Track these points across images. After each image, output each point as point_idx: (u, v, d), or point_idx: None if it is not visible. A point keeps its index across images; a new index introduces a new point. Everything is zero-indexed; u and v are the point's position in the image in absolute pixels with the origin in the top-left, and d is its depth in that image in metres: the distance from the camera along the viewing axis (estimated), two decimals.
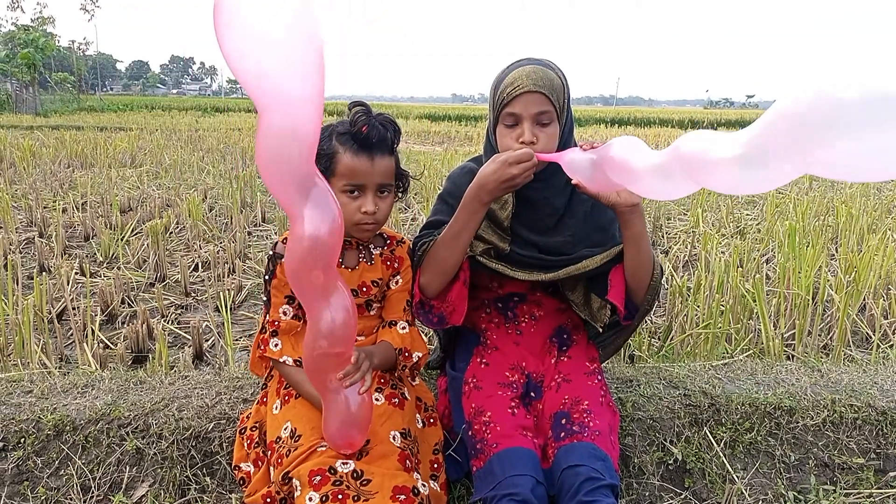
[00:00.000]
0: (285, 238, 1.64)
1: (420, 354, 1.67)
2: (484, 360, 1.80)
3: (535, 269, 1.73)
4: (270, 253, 1.65)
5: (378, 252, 1.69)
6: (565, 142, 1.68)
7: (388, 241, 1.72)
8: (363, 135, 1.51)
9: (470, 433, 1.64)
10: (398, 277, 1.71)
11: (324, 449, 1.45)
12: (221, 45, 1.15)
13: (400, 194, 1.68)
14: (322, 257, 1.27)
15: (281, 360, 1.60)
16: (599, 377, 1.76)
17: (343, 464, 1.41)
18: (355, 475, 1.39)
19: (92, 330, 2.89)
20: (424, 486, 1.46)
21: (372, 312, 1.70)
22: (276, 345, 1.62)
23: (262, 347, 1.64)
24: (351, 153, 1.52)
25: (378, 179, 1.54)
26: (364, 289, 1.66)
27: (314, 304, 1.33)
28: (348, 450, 1.43)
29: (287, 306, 1.63)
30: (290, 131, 1.19)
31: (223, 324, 2.78)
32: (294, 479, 1.41)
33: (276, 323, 1.63)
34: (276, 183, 1.23)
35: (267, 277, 1.65)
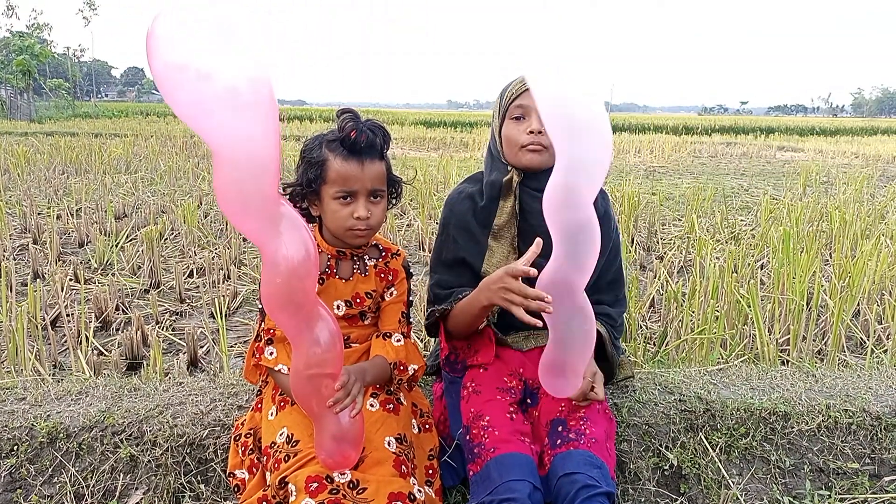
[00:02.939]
0: None
1: (416, 367, 1.67)
2: (483, 365, 1.80)
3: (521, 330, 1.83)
4: None
5: (372, 263, 1.69)
6: None
7: (384, 254, 1.72)
8: (352, 140, 1.52)
9: (468, 437, 1.64)
10: (393, 289, 1.71)
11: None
12: (160, 85, 1.11)
13: (393, 200, 1.68)
14: (299, 288, 1.27)
15: (276, 368, 1.60)
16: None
17: (340, 473, 1.41)
18: (352, 485, 1.39)
19: (86, 336, 2.87)
20: (420, 491, 1.45)
21: (366, 322, 1.70)
22: (272, 353, 1.62)
23: (257, 356, 1.64)
24: (341, 159, 1.52)
25: (369, 184, 1.55)
26: (358, 300, 1.66)
27: (297, 334, 1.33)
28: (344, 467, 1.42)
29: None
30: (248, 164, 1.16)
31: (218, 330, 2.77)
32: (290, 484, 1.41)
33: (272, 331, 1.63)
34: (241, 218, 1.21)
35: None
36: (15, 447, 1.74)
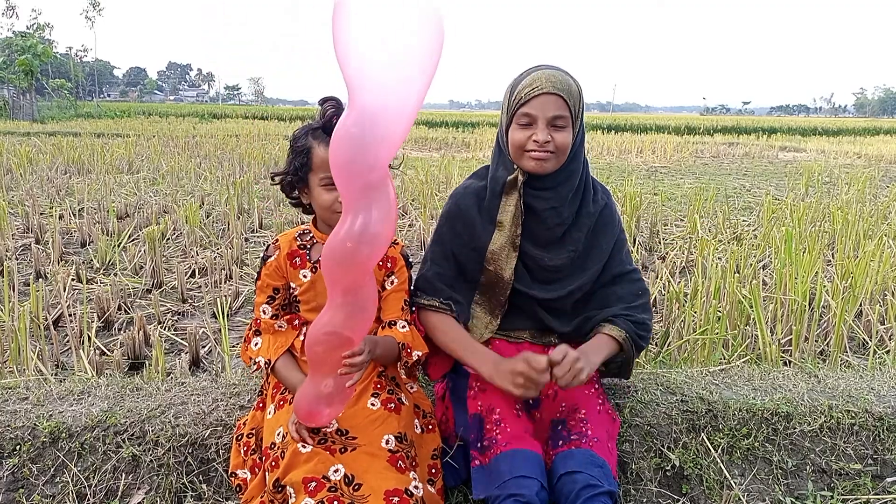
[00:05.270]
0: (276, 241, 1.68)
1: (420, 353, 1.68)
2: None
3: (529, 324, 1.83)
4: (263, 255, 1.70)
5: None
6: (576, 152, 1.69)
7: None
8: (333, 126, 1.53)
9: (479, 428, 1.63)
10: (393, 277, 1.72)
11: (307, 451, 1.44)
12: (337, 34, 1.11)
13: None
14: (362, 260, 1.29)
15: (256, 359, 1.65)
16: (596, 385, 1.76)
17: (334, 470, 1.41)
18: (347, 480, 1.40)
19: (88, 336, 2.88)
20: (418, 487, 1.45)
21: None
22: (256, 344, 1.68)
23: (245, 344, 1.72)
24: (324, 146, 1.54)
25: None
26: None
27: (339, 294, 1.35)
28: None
29: (267, 305, 1.69)
30: (375, 125, 1.15)
31: (220, 330, 2.77)
32: (288, 487, 1.41)
33: (258, 321, 1.69)
34: (343, 175, 1.20)
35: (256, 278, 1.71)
36: (17, 447, 1.74)
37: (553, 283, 1.77)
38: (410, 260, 1.80)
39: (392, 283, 1.72)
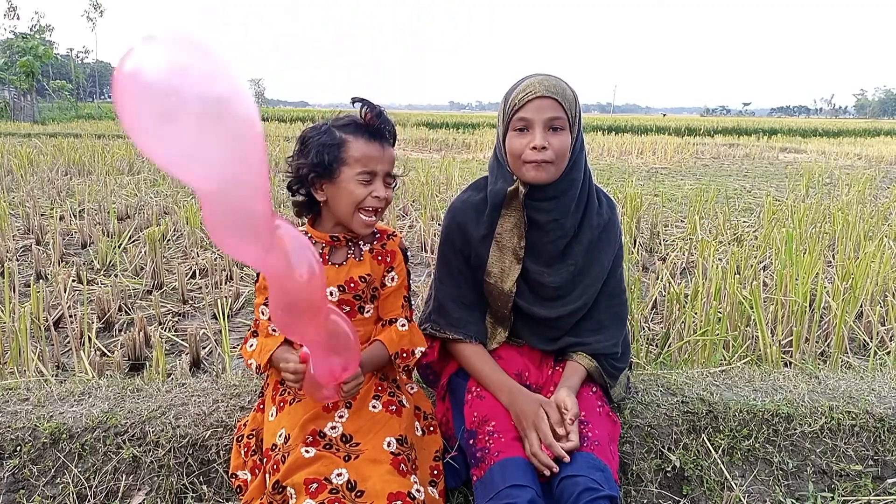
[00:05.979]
0: None
1: (422, 349, 1.69)
2: None
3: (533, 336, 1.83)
4: None
5: (367, 248, 1.70)
6: (575, 159, 1.68)
7: (379, 236, 1.74)
8: (375, 124, 1.58)
9: (471, 442, 1.63)
10: (393, 273, 1.72)
11: (311, 455, 1.44)
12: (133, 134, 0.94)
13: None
14: (308, 304, 1.21)
15: (249, 361, 1.66)
16: (594, 388, 1.75)
17: (337, 474, 1.41)
18: (350, 486, 1.39)
19: (89, 337, 2.88)
20: (420, 491, 1.45)
21: (367, 315, 1.70)
22: (252, 345, 1.68)
23: (244, 343, 1.73)
24: (364, 140, 1.56)
25: (387, 167, 1.60)
26: (351, 284, 1.66)
27: (309, 341, 1.34)
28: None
29: (265, 307, 1.68)
30: (225, 196, 1.01)
31: (220, 331, 2.77)
32: (289, 488, 1.41)
33: (257, 322, 1.69)
34: (235, 248, 1.08)
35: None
36: (18, 448, 1.75)
37: (554, 301, 1.76)
38: (409, 254, 1.80)
39: (392, 279, 1.71)
